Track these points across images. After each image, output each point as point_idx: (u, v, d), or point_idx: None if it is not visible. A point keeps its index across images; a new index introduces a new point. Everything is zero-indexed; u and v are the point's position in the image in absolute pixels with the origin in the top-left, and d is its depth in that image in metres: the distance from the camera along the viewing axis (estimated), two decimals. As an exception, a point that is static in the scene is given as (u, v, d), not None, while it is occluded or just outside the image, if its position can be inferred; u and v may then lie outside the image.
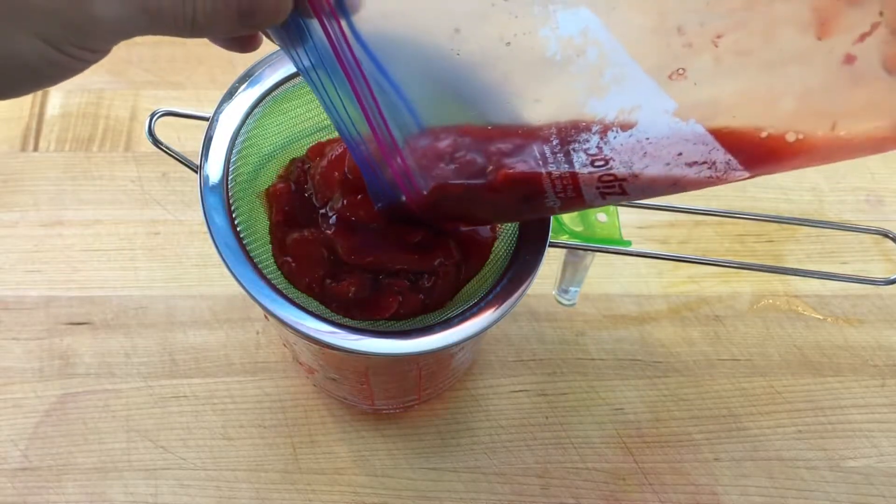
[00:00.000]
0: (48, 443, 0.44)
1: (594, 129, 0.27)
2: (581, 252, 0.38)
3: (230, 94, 0.35)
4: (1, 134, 0.54)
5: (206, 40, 0.27)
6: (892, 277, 0.39)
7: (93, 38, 0.24)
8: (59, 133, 0.54)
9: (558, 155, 0.27)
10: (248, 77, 0.36)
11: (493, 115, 0.28)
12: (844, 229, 0.50)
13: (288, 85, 0.36)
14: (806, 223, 0.51)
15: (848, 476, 0.44)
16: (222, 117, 0.35)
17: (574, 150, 0.27)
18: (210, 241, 0.32)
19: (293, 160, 0.37)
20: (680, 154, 0.27)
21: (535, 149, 0.28)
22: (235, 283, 0.32)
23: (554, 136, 0.27)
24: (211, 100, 0.55)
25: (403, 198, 0.31)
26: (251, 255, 0.33)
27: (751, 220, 0.51)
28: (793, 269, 0.48)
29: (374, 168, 0.31)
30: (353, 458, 0.44)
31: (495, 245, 0.37)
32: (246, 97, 0.35)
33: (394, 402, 0.45)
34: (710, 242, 0.52)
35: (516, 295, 0.33)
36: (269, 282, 0.33)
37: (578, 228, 0.38)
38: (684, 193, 0.28)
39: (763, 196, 0.54)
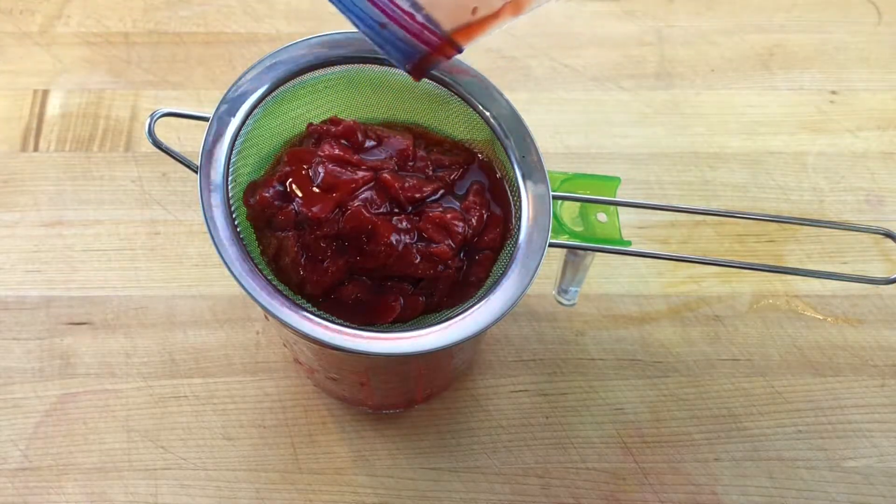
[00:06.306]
0: (48, 443, 0.44)
1: None
2: (581, 252, 0.39)
3: (230, 95, 0.35)
4: (1, 134, 0.54)
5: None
6: (893, 277, 0.40)
7: None
8: (60, 133, 0.54)
9: None
10: (248, 77, 0.36)
11: None
12: (845, 229, 0.50)
13: (288, 85, 0.36)
14: (806, 223, 0.51)
15: (848, 476, 0.44)
16: (222, 117, 0.35)
17: None
18: (210, 241, 0.32)
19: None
20: None
21: None
22: (235, 283, 0.32)
23: None
24: (211, 100, 0.55)
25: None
26: (251, 255, 0.33)
27: (751, 220, 0.51)
28: (793, 269, 0.48)
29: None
30: (353, 458, 0.44)
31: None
32: (246, 97, 0.35)
33: (394, 402, 0.45)
34: (710, 242, 0.52)
35: (516, 295, 0.33)
36: (269, 282, 0.33)
37: (578, 228, 0.38)
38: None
39: (763, 196, 0.54)
